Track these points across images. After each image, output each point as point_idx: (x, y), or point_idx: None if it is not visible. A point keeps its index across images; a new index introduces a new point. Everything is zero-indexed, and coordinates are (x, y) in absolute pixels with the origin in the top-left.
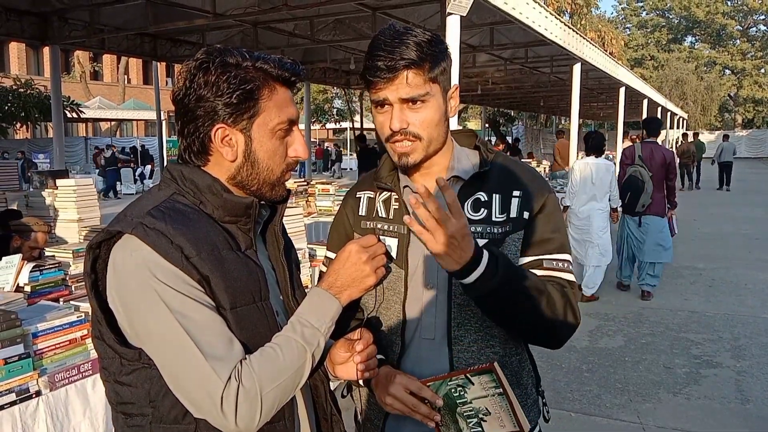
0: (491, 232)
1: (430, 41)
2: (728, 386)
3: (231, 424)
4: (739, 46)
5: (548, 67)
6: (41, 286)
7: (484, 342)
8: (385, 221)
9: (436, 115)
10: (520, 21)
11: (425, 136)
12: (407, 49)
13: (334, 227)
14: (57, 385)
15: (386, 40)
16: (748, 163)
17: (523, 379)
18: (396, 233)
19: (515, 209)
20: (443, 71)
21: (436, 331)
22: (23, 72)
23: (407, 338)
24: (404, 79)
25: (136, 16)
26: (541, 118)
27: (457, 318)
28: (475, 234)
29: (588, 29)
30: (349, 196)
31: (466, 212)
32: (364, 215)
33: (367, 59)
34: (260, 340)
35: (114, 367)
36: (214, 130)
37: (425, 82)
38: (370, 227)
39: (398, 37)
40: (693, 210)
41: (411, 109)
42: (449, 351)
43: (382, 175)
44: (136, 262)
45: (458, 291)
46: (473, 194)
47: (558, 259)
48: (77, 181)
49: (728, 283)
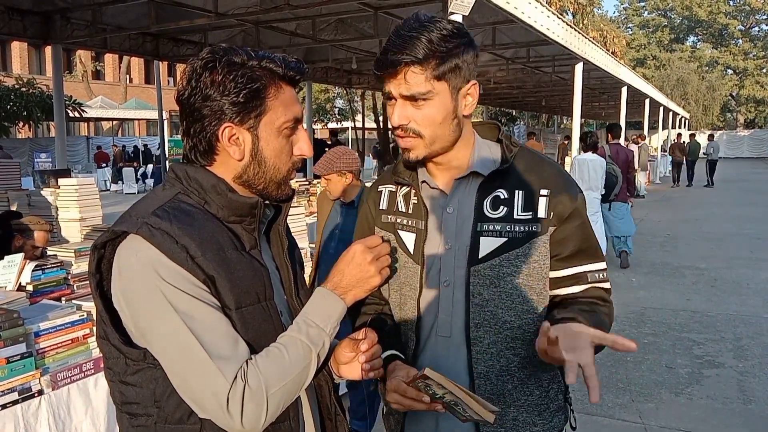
0: (512, 230)
1: (446, 36)
2: (730, 386)
3: (237, 424)
4: (741, 45)
5: (550, 67)
6: (43, 285)
7: (504, 344)
8: (404, 216)
9: (440, 113)
10: (522, 20)
11: (427, 134)
12: (414, 46)
13: (358, 222)
14: (59, 384)
15: (400, 32)
16: (750, 163)
17: (544, 382)
18: (414, 228)
19: (543, 209)
20: (454, 68)
21: (453, 329)
22: (25, 71)
23: (422, 335)
24: (404, 76)
25: (139, 15)
26: (543, 118)
27: (475, 318)
28: (493, 233)
29: (590, 29)
30: (372, 189)
31: (485, 210)
32: (385, 209)
33: (380, 52)
34: (265, 340)
35: (119, 367)
36: (221, 130)
37: (427, 80)
38: (390, 221)
39: (412, 31)
40: (694, 210)
41: (413, 105)
42: (468, 351)
43: (399, 170)
44: (142, 262)
45: (476, 291)
46: (493, 191)
47: (598, 269)
48: (79, 180)
49: (730, 283)
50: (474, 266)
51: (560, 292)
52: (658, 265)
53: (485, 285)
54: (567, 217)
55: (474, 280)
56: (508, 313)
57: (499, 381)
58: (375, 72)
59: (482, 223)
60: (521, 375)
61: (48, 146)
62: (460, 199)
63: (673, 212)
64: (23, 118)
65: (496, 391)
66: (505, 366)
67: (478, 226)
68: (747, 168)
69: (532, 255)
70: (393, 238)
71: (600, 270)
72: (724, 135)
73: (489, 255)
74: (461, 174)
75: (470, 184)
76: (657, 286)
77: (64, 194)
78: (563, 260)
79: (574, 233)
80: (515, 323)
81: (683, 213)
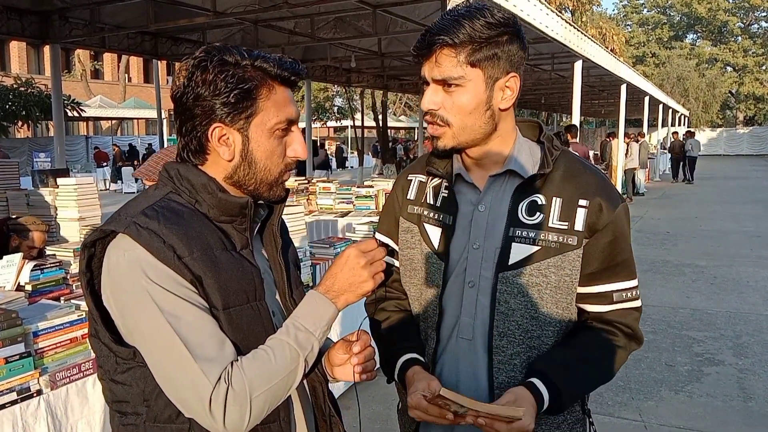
0: (545, 239)
1: (490, 24)
2: (730, 384)
3: (219, 426)
4: (741, 43)
5: (549, 65)
6: (42, 284)
7: (526, 355)
8: (432, 208)
9: (472, 102)
10: (521, 18)
11: (455, 123)
12: (452, 28)
13: (384, 208)
14: (58, 384)
15: (446, 15)
16: (750, 160)
17: None
18: (440, 222)
19: (581, 222)
20: (492, 57)
21: (475, 333)
22: (24, 71)
23: (443, 335)
24: (436, 58)
25: (137, 14)
26: (543, 116)
27: (499, 327)
28: (526, 239)
29: (589, 26)
30: (401, 177)
31: (520, 215)
32: (413, 199)
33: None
34: (254, 341)
35: (109, 365)
36: (211, 130)
37: (460, 65)
38: (416, 212)
39: (457, 15)
40: (694, 207)
41: (445, 91)
42: (489, 359)
43: (434, 160)
44: (129, 261)
45: (503, 298)
46: (530, 196)
47: (627, 288)
48: (78, 179)
49: (730, 281)
50: (502, 272)
51: (586, 308)
52: (658, 262)
53: (512, 293)
54: (600, 230)
55: (501, 287)
56: (532, 323)
57: None
58: (413, 53)
59: (516, 228)
60: None
61: (47, 146)
62: (493, 198)
63: (672, 210)
64: (22, 118)
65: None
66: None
67: (510, 231)
68: (747, 165)
69: (564, 268)
70: (417, 230)
71: (628, 288)
72: (724, 132)
73: (520, 262)
74: (497, 171)
75: (506, 184)
76: (657, 283)
77: (62, 194)
78: (589, 276)
79: (604, 249)
80: (539, 335)
81: (683, 210)
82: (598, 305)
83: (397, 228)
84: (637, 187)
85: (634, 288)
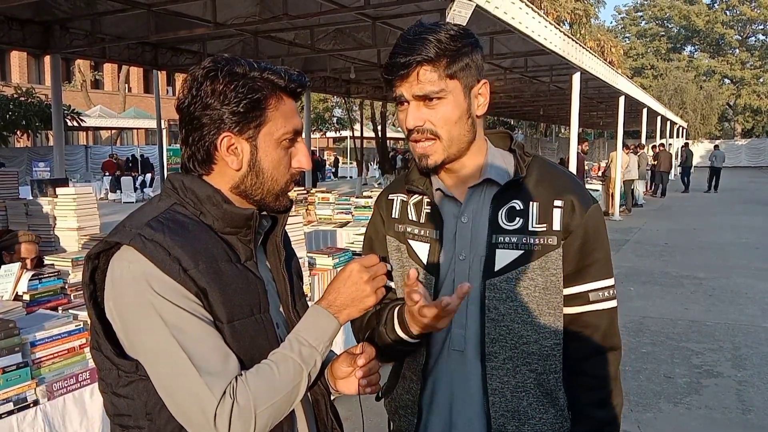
0: (528, 243)
1: (454, 36)
2: (729, 396)
3: None
4: (738, 55)
5: (548, 77)
6: (40, 294)
7: (520, 359)
8: (415, 225)
9: (455, 112)
10: (519, 31)
11: (444, 135)
12: (423, 45)
13: (369, 231)
14: (55, 394)
15: (407, 36)
16: (748, 172)
17: (560, 400)
18: (427, 238)
19: (558, 221)
20: (465, 67)
21: (467, 343)
22: (24, 81)
23: (434, 349)
24: (416, 76)
25: (137, 25)
26: (541, 127)
27: (491, 333)
28: (509, 245)
29: (587, 38)
30: (381, 197)
31: (501, 221)
32: (397, 218)
33: (388, 57)
34: (259, 353)
35: (111, 378)
36: (219, 139)
37: (441, 79)
38: (402, 230)
39: (419, 34)
40: (692, 219)
41: (427, 106)
42: (482, 367)
43: (413, 178)
44: (133, 273)
45: (492, 305)
46: (508, 202)
47: (603, 287)
48: (77, 189)
49: (729, 293)
50: (489, 279)
51: (566, 311)
52: (657, 274)
53: (501, 299)
54: (573, 230)
55: (489, 294)
56: (524, 327)
57: (514, 398)
58: (385, 77)
59: (498, 234)
60: (537, 392)
61: (46, 155)
62: (474, 209)
63: (671, 221)
64: (22, 128)
65: (510, 408)
66: (520, 382)
67: (493, 238)
68: (745, 177)
69: (548, 268)
70: (404, 248)
71: (605, 288)
72: (722, 144)
73: (505, 268)
74: (475, 181)
75: (484, 193)
76: (655, 295)
77: (61, 203)
78: (569, 275)
79: (579, 249)
80: (531, 338)
81: (681, 222)
82: (575, 306)
83: (386, 247)
84: (636, 199)
85: (611, 287)
